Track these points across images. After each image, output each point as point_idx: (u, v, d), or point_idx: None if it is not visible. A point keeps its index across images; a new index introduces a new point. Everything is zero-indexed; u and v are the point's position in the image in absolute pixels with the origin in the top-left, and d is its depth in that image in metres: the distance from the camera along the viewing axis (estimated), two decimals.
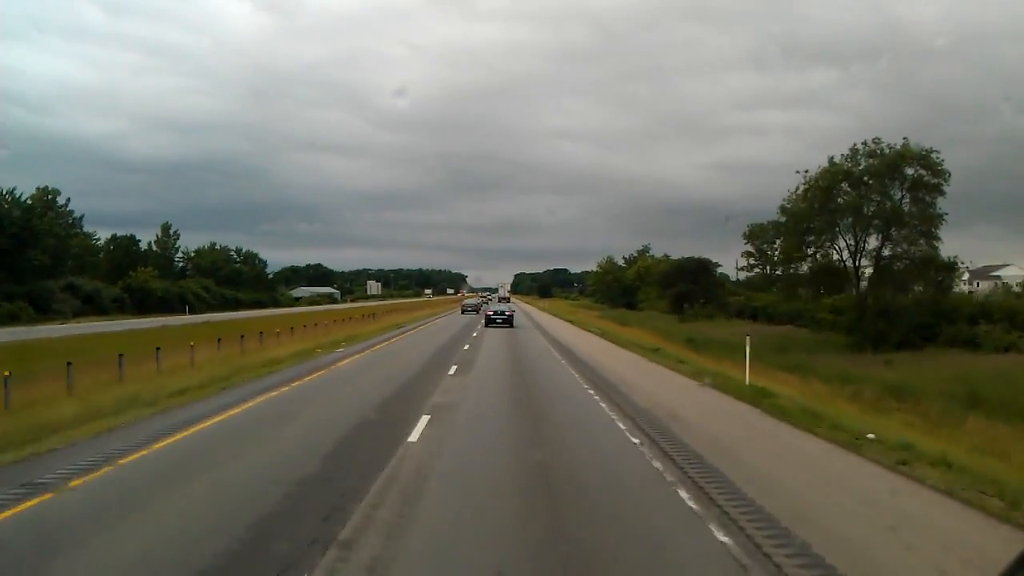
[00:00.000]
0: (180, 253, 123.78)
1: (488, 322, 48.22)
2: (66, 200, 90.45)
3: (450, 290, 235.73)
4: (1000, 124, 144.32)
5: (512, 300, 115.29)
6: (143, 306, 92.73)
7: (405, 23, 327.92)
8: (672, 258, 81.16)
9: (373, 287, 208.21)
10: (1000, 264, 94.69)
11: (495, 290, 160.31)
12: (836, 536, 6.86)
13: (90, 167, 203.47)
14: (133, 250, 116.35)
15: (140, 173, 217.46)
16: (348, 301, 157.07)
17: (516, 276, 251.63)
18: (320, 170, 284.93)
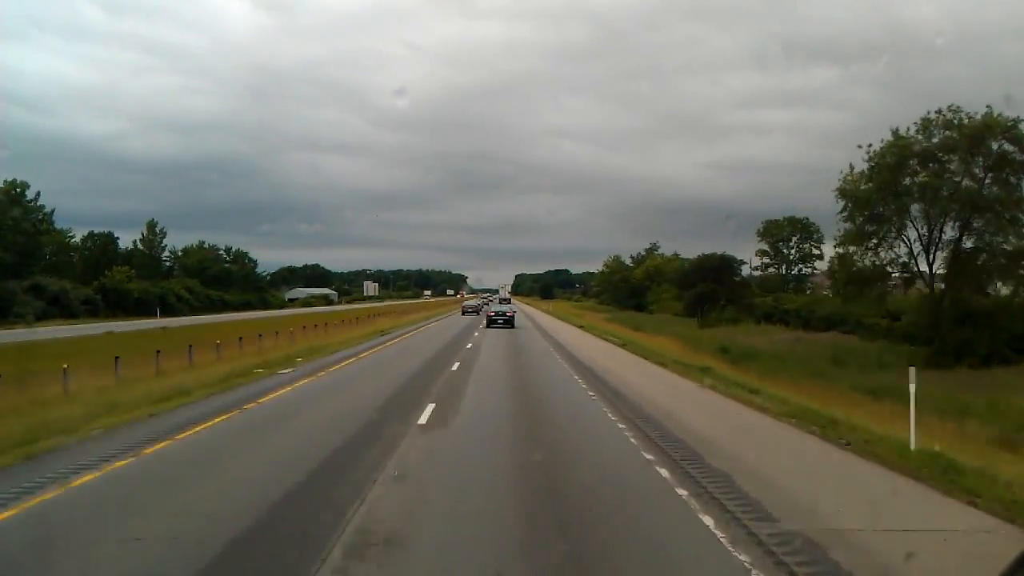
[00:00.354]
0: (167, 252, 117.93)
1: (489, 323, 48.73)
2: (36, 194, 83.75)
3: (450, 291, 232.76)
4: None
5: (513, 301, 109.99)
6: (118, 308, 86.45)
7: (405, 22, 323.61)
8: (687, 257, 73.57)
9: (370, 288, 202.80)
10: None
11: (496, 291, 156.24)
12: None
13: (89, 167, 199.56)
14: (111, 249, 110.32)
15: (139, 173, 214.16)
16: (343, 302, 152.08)
17: (517, 277, 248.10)
18: (320, 170, 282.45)
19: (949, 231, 34.15)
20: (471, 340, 36.65)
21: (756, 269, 75.06)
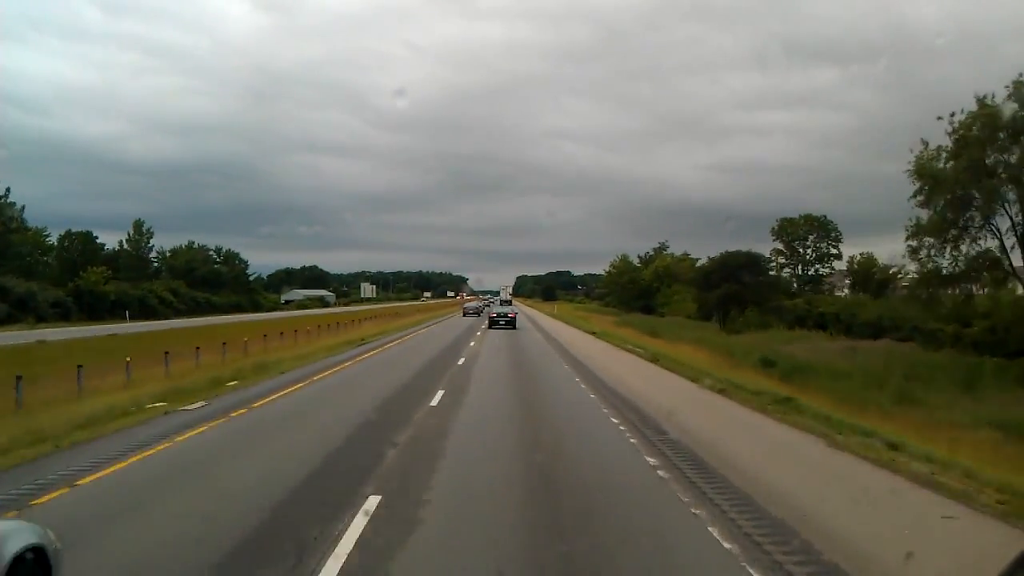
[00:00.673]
0: (154, 253, 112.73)
1: (491, 324, 50.74)
2: (5, 191, 78.08)
3: (450, 293, 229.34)
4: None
5: (514, 303, 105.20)
6: (94, 311, 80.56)
7: (405, 22, 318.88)
8: (695, 257, 66.83)
9: (367, 290, 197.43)
10: None
11: (496, 293, 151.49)
12: None
13: (88, 169, 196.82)
14: (90, 248, 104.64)
15: (138, 175, 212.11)
16: (337, 304, 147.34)
17: (518, 279, 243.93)
18: (320, 171, 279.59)
19: None
20: (464, 353, 30.33)
21: (771, 270, 69.38)
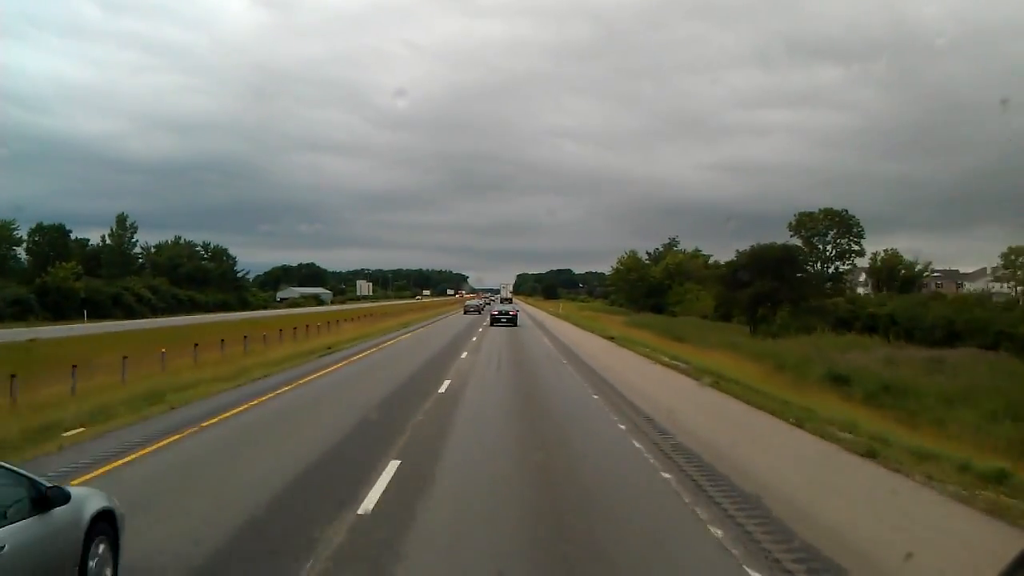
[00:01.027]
0: (139, 248, 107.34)
1: (493, 321, 52.58)
2: None
3: (450, 291, 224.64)
4: (1006, 123, 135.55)
5: (515, 301, 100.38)
6: (60, 310, 74.25)
7: (405, 20, 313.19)
8: (724, 251, 59.45)
9: (363, 287, 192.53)
10: None
11: (497, 291, 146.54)
12: None
13: (87, 167, 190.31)
14: (62, 243, 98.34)
15: (137, 173, 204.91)
16: (330, 303, 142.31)
17: (518, 277, 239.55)
18: (320, 170, 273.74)
19: None
20: (450, 371, 23.46)
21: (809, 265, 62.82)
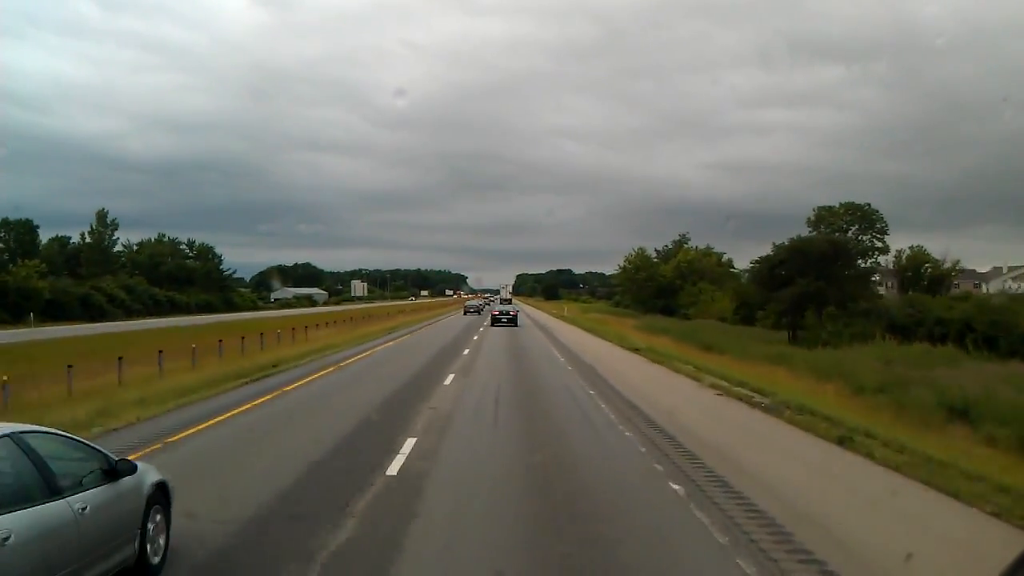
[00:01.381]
0: (120, 246, 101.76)
1: (494, 321, 52.12)
2: None
3: (449, 291, 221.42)
4: (1007, 123, 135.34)
5: (514, 302, 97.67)
6: (20, 311, 67.85)
7: (405, 19, 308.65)
8: (778, 243, 51.27)
9: (357, 288, 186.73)
10: None
11: (496, 291, 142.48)
12: None
13: (86, 166, 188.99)
14: (29, 240, 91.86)
15: (137, 172, 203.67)
16: (323, 303, 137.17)
17: (518, 277, 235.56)
18: (319, 169, 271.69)
19: None
20: (421, 415, 16.68)
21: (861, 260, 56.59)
